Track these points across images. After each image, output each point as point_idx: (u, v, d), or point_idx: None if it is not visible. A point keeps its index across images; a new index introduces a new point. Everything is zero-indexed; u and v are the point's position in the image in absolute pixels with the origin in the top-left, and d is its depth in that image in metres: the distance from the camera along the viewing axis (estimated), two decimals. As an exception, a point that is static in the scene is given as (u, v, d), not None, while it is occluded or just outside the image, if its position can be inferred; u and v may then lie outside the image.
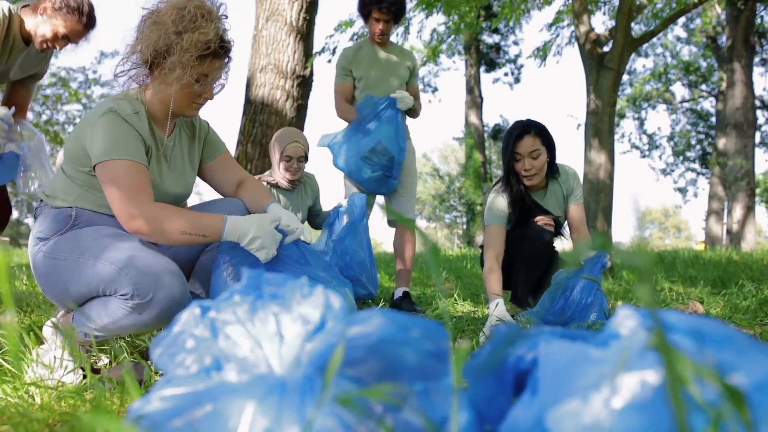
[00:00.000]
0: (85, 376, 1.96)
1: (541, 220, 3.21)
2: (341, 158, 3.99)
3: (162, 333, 0.87)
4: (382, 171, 3.84)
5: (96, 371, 2.06)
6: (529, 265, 3.23)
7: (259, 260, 2.11)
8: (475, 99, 24.19)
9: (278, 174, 3.99)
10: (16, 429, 1.39)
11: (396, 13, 4.04)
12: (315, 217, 4.29)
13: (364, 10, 4.08)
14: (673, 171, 26.26)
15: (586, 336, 0.72)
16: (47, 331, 2.18)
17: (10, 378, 1.79)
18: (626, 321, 0.66)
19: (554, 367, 0.63)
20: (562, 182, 3.34)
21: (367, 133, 3.86)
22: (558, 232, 3.34)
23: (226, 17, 2.13)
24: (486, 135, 25.37)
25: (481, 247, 3.45)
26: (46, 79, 25.27)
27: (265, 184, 4.09)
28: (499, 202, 3.31)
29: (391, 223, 4.23)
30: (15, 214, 3.59)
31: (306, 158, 3.97)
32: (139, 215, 1.93)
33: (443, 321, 2.99)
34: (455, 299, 4.56)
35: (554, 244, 3.34)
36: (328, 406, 0.65)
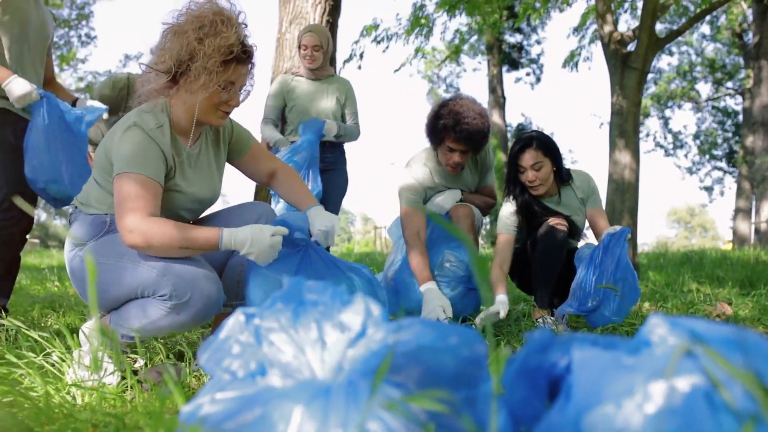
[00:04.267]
0: (123, 378, 2.02)
1: (553, 220, 3.25)
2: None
3: (209, 338, 0.91)
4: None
5: (134, 372, 2.12)
6: (544, 265, 3.27)
7: (296, 266, 2.17)
8: (497, 99, 24.12)
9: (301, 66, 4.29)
10: (63, 430, 1.44)
11: (480, 144, 3.31)
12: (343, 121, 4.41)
13: (436, 137, 3.34)
14: (699, 170, 26.00)
15: (618, 343, 0.75)
16: (86, 332, 2.24)
17: (52, 379, 1.85)
18: (657, 329, 0.68)
19: (588, 373, 0.66)
20: (576, 188, 3.38)
21: None
22: (574, 233, 3.37)
23: (246, 25, 2.18)
24: (509, 135, 25.29)
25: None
26: (73, 84, 25.64)
27: (290, 75, 4.28)
28: (507, 210, 3.39)
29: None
30: (43, 216, 3.65)
31: (321, 47, 4.20)
32: (136, 230, 1.97)
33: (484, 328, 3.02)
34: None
35: (569, 243, 3.36)
36: (374, 411, 0.69)
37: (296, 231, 2.20)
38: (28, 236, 3.15)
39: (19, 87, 2.78)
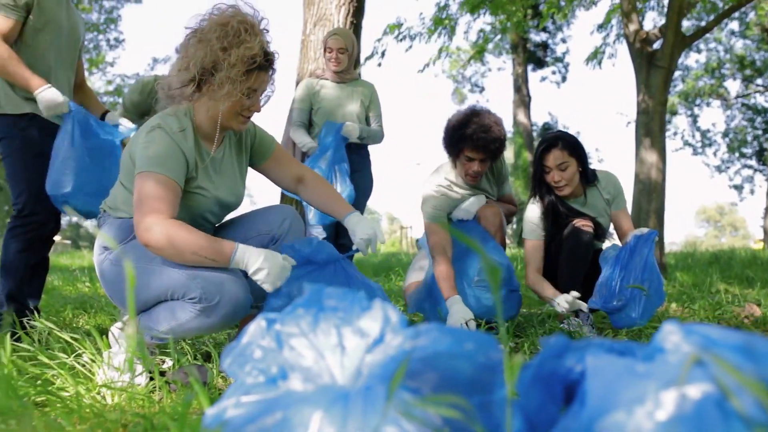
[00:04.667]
0: (152, 378, 2.06)
1: (578, 221, 3.24)
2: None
3: (232, 343, 0.93)
4: None
5: (162, 373, 2.16)
6: (570, 266, 3.26)
7: (316, 277, 2.19)
8: (522, 98, 24.00)
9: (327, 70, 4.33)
10: (94, 429, 1.48)
11: (497, 152, 3.31)
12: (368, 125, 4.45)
13: (454, 148, 3.34)
14: (728, 168, 25.61)
15: (633, 349, 0.76)
16: (116, 334, 2.28)
17: (83, 380, 1.89)
18: (671, 336, 0.69)
19: (601, 379, 0.67)
20: (602, 188, 3.36)
21: None
22: (599, 235, 3.36)
23: (268, 31, 2.20)
24: (535, 134, 25.15)
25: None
26: (101, 88, 25.99)
27: (315, 78, 4.34)
28: (533, 214, 3.38)
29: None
30: (74, 218, 3.68)
31: (347, 50, 4.25)
32: (154, 229, 1.99)
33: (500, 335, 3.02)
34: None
35: (595, 245, 3.35)
36: (391, 416, 0.71)
37: (304, 258, 2.22)
38: (57, 237, 3.19)
39: (50, 97, 2.81)
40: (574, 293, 2.96)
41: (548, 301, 3.16)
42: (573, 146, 3.24)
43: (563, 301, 2.98)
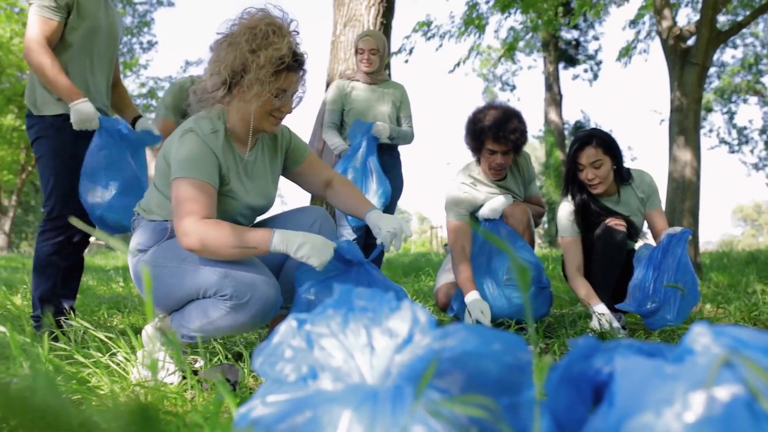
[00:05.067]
0: (184, 377, 2.09)
1: (611, 221, 3.22)
2: None
3: (262, 343, 0.95)
4: None
5: (194, 372, 2.19)
6: (603, 266, 3.24)
7: (339, 280, 2.20)
8: (554, 96, 23.83)
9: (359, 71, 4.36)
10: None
11: (519, 143, 3.34)
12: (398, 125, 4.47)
13: (476, 142, 3.40)
14: (765, 165, 25.13)
15: (663, 350, 0.75)
16: (148, 333, 2.32)
17: (117, 378, 1.93)
18: (700, 338, 0.69)
19: (629, 381, 0.67)
20: (636, 187, 3.33)
21: None
22: (633, 234, 3.33)
23: (298, 33, 2.22)
24: (567, 132, 24.94)
25: (563, 256, 3.48)
26: (135, 90, 26.37)
27: (346, 80, 4.36)
28: (565, 212, 3.36)
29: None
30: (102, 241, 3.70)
31: (378, 51, 4.27)
32: (191, 233, 2.04)
33: (529, 335, 3.01)
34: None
35: (628, 245, 3.32)
36: (419, 416, 0.72)
37: (345, 253, 2.23)
38: (92, 239, 3.24)
39: (82, 112, 2.83)
40: (601, 320, 3.00)
41: (581, 301, 3.16)
42: (607, 144, 3.21)
43: (598, 316, 3.02)
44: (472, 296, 3.13)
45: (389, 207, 4.26)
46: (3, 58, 20.87)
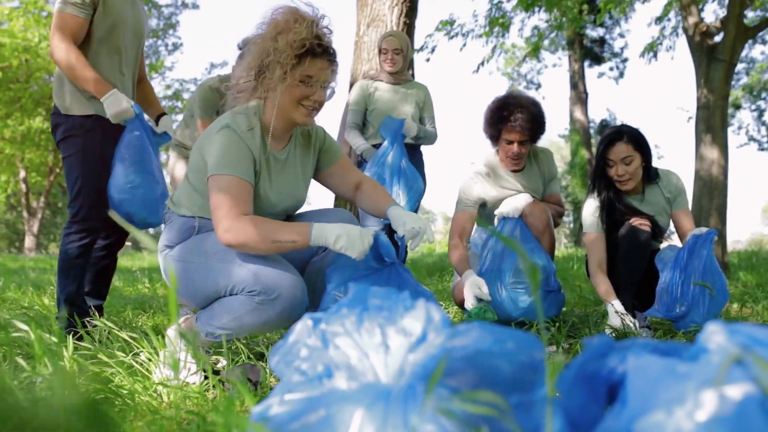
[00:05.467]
0: (206, 377, 2.11)
1: (636, 220, 3.19)
2: None
3: (279, 342, 0.95)
4: None
5: (216, 372, 2.21)
6: (626, 266, 3.22)
7: (371, 281, 2.21)
8: (579, 95, 23.64)
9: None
10: (149, 426, 1.53)
11: (535, 132, 3.44)
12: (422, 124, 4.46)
13: (493, 131, 3.49)
14: (796, 163, 24.72)
15: (678, 349, 0.75)
16: (171, 334, 2.34)
17: (141, 378, 1.95)
18: (714, 336, 0.68)
19: (642, 380, 0.67)
20: (663, 187, 3.29)
21: None
22: (657, 234, 3.29)
23: (327, 26, 2.24)
24: (592, 131, 24.74)
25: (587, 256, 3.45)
26: (161, 92, 26.65)
27: (369, 80, 4.37)
28: (591, 208, 3.34)
29: None
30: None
31: (402, 51, 4.29)
32: (231, 229, 2.08)
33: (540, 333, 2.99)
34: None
35: (652, 245, 3.28)
36: (430, 414, 0.72)
37: (381, 247, 2.23)
38: (128, 242, 3.25)
39: (117, 104, 2.83)
40: (616, 321, 2.99)
41: (603, 299, 3.14)
42: (638, 140, 3.18)
43: (615, 313, 3.02)
44: (467, 275, 3.20)
45: (412, 208, 4.26)
46: (31, 61, 21.20)
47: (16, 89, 21.35)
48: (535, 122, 3.37)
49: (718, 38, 7.38)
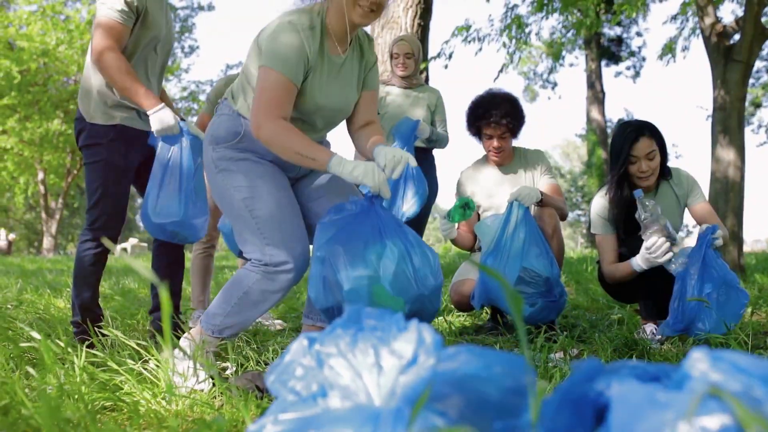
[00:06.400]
0: (214, 384, 2.13)
1: (653, 242, 3.06)
2: None
3: (276, 361, 0.97)
4: None
5: (224, 379, 2.23)
6: (646, 290, 3.19)
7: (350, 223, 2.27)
8: (596, 94, 23.52)
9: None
10: (154, 436, 1.55)
11: (512, 125, 3.61)
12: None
13: (473, 128, 3.75)
14: (816, 162, 24.46)
15: (665, 374, 0.75)
16: (182, 342, 2.37)
17: (149, 385, 1.97)
18: (698, 363, 0.69)
19: (624, 407, 0.67)
20: (674, 185, 3.26)
21: None
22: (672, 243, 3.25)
23: None
24: (609, 131, 24.59)
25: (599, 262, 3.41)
26: (177, 93, 26.84)
27: (381, 84, 4.40)
28: (600, 208, 3.31)
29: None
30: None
31: (413, 55, 4.30)
32: (265, 127, 2.22)
33: (529, 357, 2.99)
34: (571, 306, 4.50)
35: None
36: (414, 440, 0.73)
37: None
38: (134, 240, 3.27)
39: (165, 120, 2.82)
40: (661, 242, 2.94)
41: (631, 273, 3.12)
42: (658, 135, 3.16)
43: (644, 258, 3.00)
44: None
45: (424, 210, 4.26)
46: (50, 65, 21.43)
47: (34, 92, 21.63)
48: (512, 116, 3.54)
49: (735, 39, 7.32)
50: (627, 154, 3.14)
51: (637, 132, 3.14)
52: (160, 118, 2.81)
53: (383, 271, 2.17)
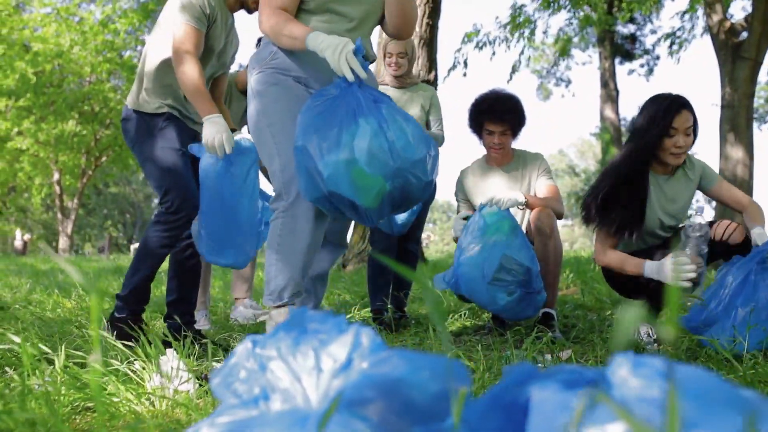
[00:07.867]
0: (201, 385, 2.13)
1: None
2: None
3: (221, 365, 0.97)
4: None
5: (207, 379, 2.24)
6: (648, 286, 3.13)
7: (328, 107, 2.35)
8: (610, 92, 23.37)
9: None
10: (126, 435, 1.56)
11: (513, 123, 3.67)
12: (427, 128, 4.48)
13: (475, 124, 3.81)
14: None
15: (591, 380, 0.74)
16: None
17: (134, 386, 1.99)
18: (619, 369, 0.68)
19: (541, 414, 0.67)
20: (688, 169, 3.14)
21: None
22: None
23: None
24: (623, 129, 24.46)
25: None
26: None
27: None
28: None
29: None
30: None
31: (406, 54, 4.27)
32: (263, 21, 2.51)
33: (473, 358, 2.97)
34: (580, 306, 4.48)
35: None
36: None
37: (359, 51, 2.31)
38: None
39: (215, 133, 2.78)
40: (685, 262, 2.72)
41: (638, 270, 2.96)
42: (695, 113, 3.02)
43: (661, 270, 2.83)
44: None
45: (422, 211, 4.26)
46: (64, 66, 21.60)
47: (49, 93, 21.82)
48: (512, 113, 3.61)
49: (743, 36, 7.26)
50: (668, 125, 2.94)
51: (679, 104, 2.96)
52: (212, 131, 2.78)
53: (357, 151, 2.15)
